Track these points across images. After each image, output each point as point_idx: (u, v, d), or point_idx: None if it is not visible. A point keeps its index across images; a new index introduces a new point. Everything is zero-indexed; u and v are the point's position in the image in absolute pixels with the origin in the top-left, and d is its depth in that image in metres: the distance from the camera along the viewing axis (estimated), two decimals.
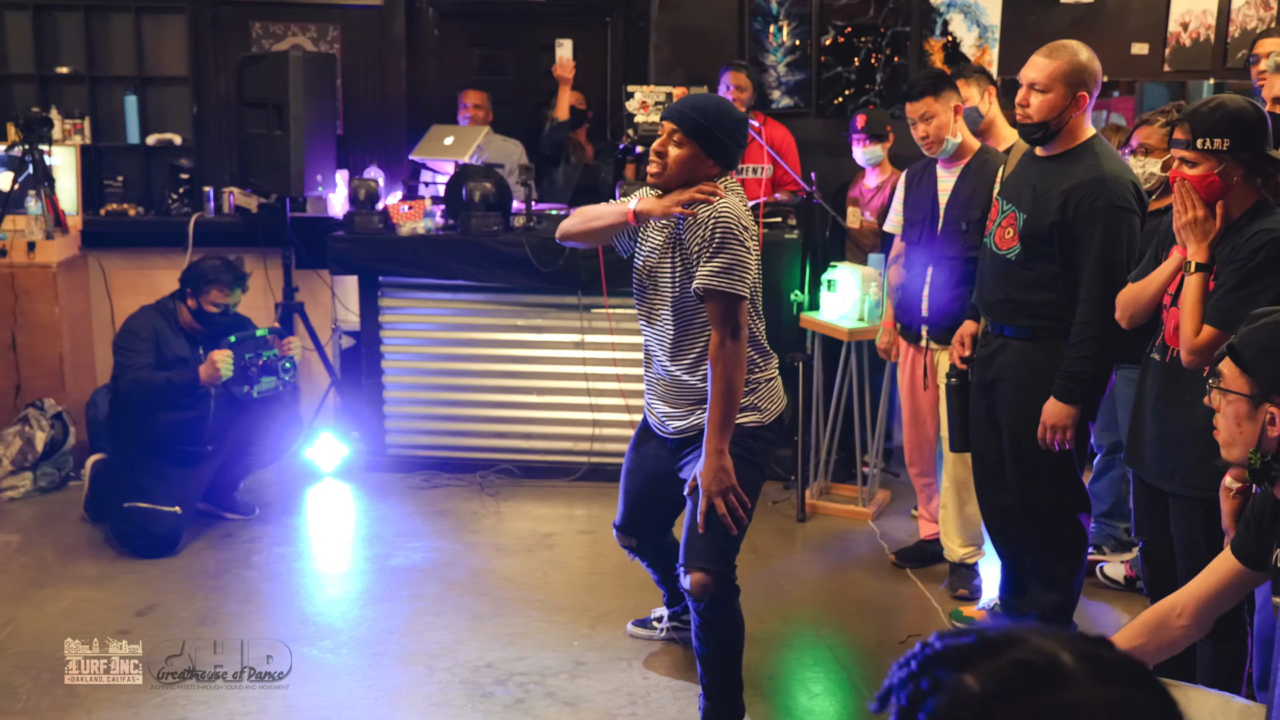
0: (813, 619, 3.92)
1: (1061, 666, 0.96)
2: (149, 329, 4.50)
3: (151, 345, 4.47)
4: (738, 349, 2.91)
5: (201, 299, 4.50)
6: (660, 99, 5.28)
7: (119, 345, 4.51)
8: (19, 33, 5.98)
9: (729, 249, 2.87)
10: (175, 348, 4.50)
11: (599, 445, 5.21)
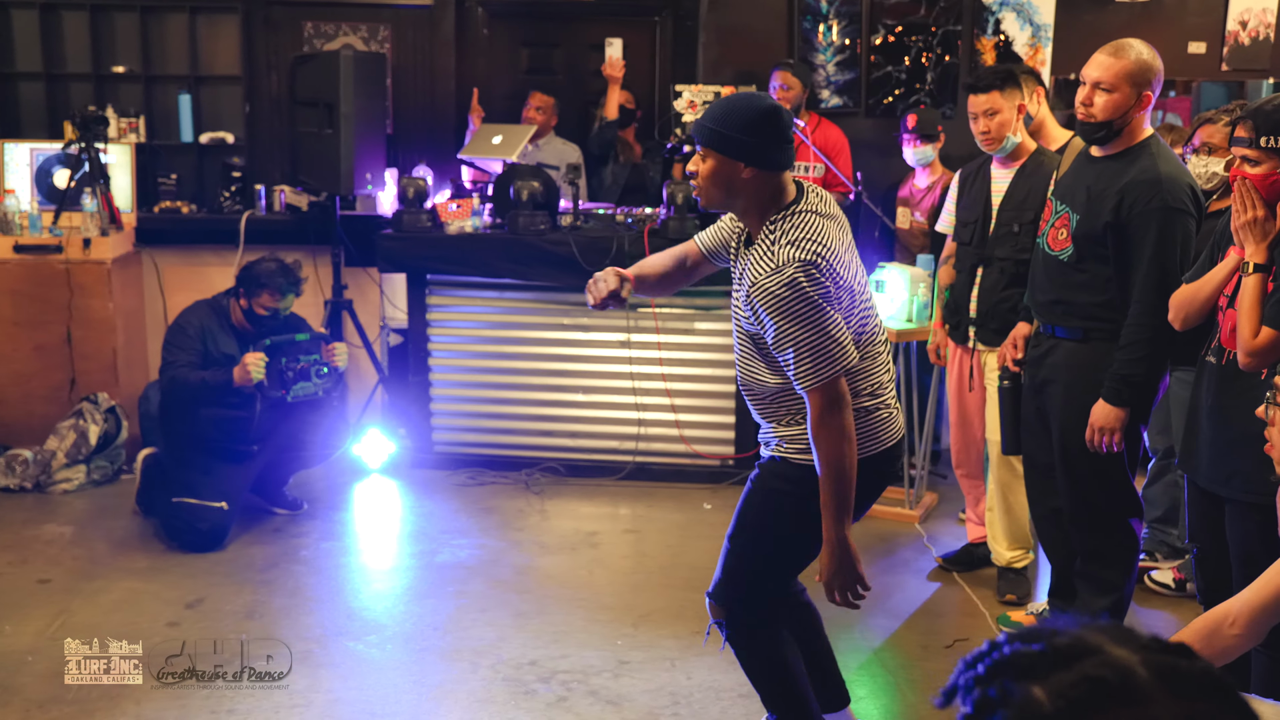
0: (856, 621, 3.88)
1: (1136, 681, 0.92)
2: (197, 325, 4.55)
3: (198, 342, 4.52)
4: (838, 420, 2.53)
5: (253, 300, 4.54)
6: (708, 98, 5.27)
7: (167, 341, 4.57)
8: (76, 33, 6.08)
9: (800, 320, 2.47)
10: (223, 345, 4.55)
11: (644, 445, 5.20)
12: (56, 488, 4.97)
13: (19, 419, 5.26)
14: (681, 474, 5.19)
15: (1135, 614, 3.79)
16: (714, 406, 5.19)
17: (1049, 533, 3.65)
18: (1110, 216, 3.22)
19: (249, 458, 4.58)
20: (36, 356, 5.27)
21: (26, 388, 5.28)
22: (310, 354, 4.58)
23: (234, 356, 4.49)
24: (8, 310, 5.23)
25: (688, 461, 5.21)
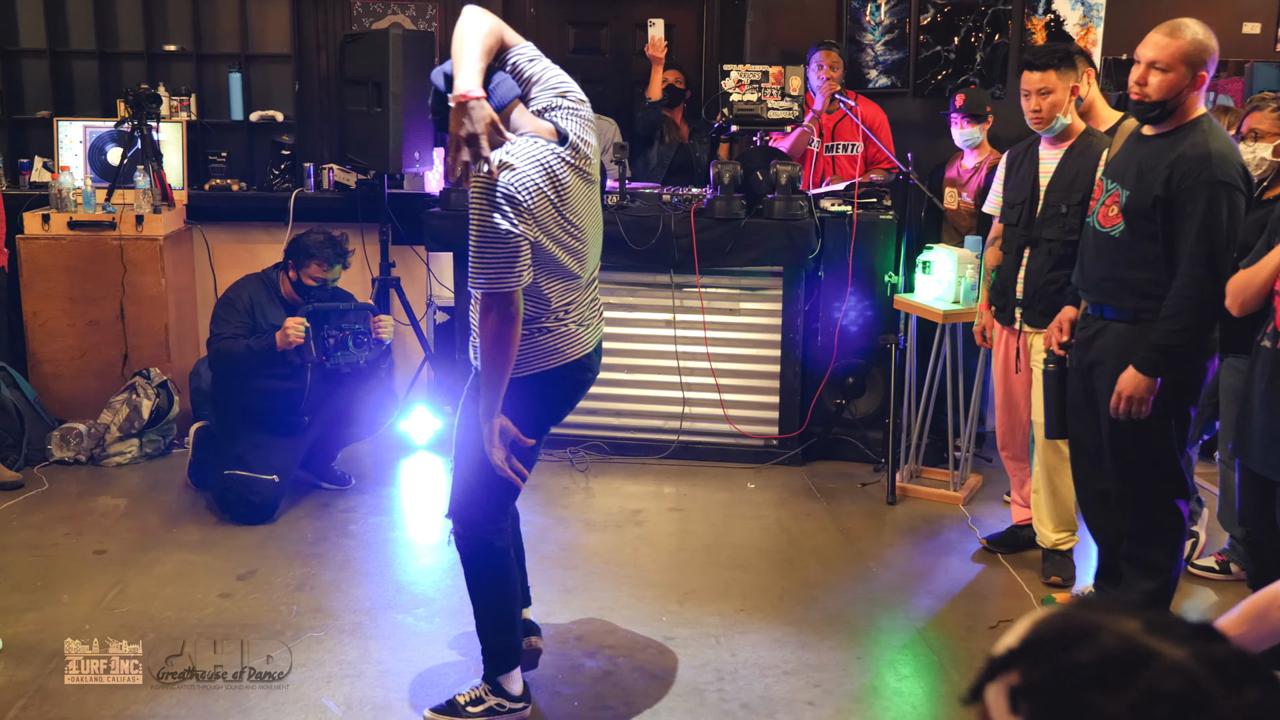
0: (902, 602, 3.89)
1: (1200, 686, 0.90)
2: (246, 298, 4.62)
3: (246, 315, 4.59)
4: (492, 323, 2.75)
5: (301, 272, 4.60)
6: (756, 78, 5.25)
7: (215, 314, 4.65)
8: (129, 12, 6.15)
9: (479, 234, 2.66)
10: (271, 317, 4.61)
11: (689, 424, 5.22)
12: (110, 461, 5.06)
13: (74, 393, 5.36)
14: (725, 453, 5.21)
15: (1181, 594, 3.77)
16: (758, 386, 5.19)
17: (1095, 515, 3.63)
18: (1160, 190, 3.19)
19: (299, 430, 4.64)
20: (91, 332, 5.36)
21: (81, 363, 5.38)
22: (353, 323, 4.63)
23: (280, 327, 4.53)
24: (63, 286, 5.32)
25: (732, 441, 5.22)
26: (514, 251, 2.67)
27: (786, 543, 4.39)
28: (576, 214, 2.83)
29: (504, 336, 2.74)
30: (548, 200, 2.72)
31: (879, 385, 5.12)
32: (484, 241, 2.66)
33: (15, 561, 4.10)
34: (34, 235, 5.31)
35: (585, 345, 3.01)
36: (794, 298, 5.10)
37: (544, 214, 2.72)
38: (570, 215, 2.80)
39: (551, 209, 2.74)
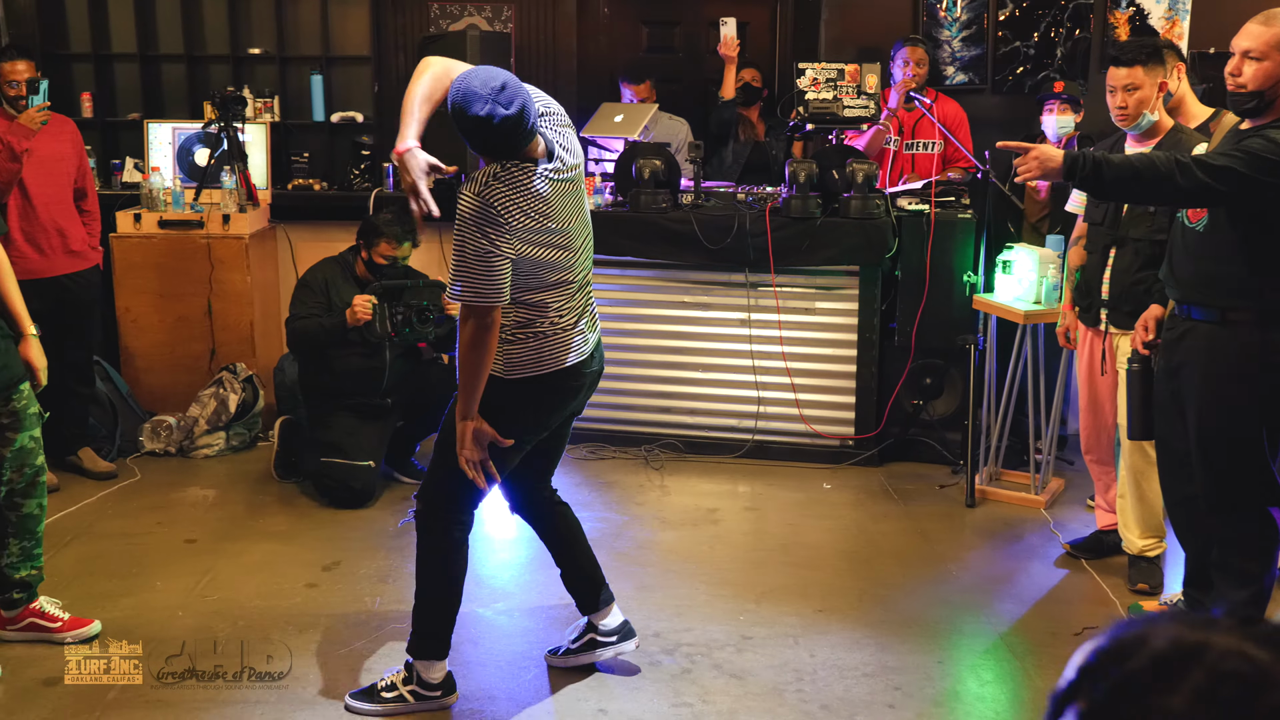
0: (982, 606, 3.86)
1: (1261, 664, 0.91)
2: (321, 280, 4.74)
3: (322, 296, 4.70)
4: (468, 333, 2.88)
5: (372, 250, 4.69)
6: (832, 75, 5.23)
7: (293, 297, 4.80)
8: (215, 16, 6.29)
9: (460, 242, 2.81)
10: (346, 296, 4.70)
11: (763, 423, 5.22)
12: (198, 452, 5.19)
13: (164, 386, 5.50)
14: (800, 453, 5.20)
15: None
16: (834, 386, 5.18)
17: (1184, 521, 3.56)
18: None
19: (384, 414, 4.75)
20: (179, 327, 5.51)
21: (170, 357, 5.52)
22: (422, 299, 4.74)
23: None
24: (153, 283, 5.47)
25: (807, 441, 5.21)
26: (492, 271, 2.80)
27: (864, 544, 4.37)
28: (560, 220, 2.92)
29: (479, 345, 2.86)
30: (529, 216, 2.83)
31: (957, 386, 5.07)
32: (463, 259, 2.79)
33: (110, 549, 4.22)
34: (126, 234, 5.46)
35: (581, 352, 3.08)
36: (870, 297, 5.07)
37: (527, 228, 2.84)
38: (553, 224, 2.90)
39: (534, 223, 2.85)
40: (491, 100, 2.69)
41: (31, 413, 3.45)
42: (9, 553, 3.49)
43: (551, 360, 3.01)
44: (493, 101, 2.69)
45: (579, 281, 3.06)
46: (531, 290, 2.94)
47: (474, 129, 2.73)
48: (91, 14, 6.20)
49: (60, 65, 6.22)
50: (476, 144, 2.80)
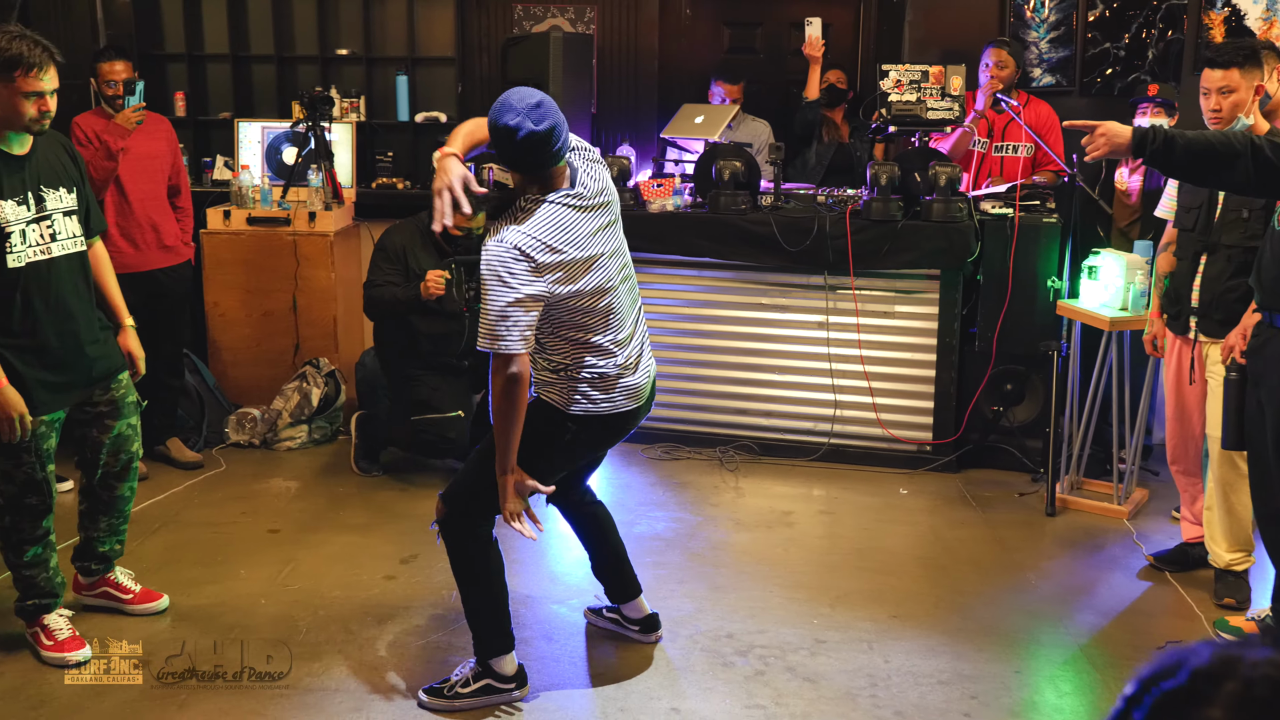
0: (1062, 617, 3.79)
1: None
2: (399, 245, 4.83)
3: (399, 263, 4.80)
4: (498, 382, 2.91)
5: None
6: (915, 77, 5.18)
7: (371, 261, 4.91)
8: (305, 18, 6.42)
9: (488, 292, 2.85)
10: (423, 261, 4.79)
11: (840, 426, 5.18)
12: (281, 445, 5.30)
13: (249, 380, 5.63)
14: (877, 457, 5.15)
15: None
16: (912, 391, 5.12)
17: (1274, 534, 3.47)
18: None
19: (462, 373, 4.89)
20: (265, 322, 5.63)
21: (256, 351, 5.64)
22: None
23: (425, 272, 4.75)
24: (241, 278, 5.59)
25: (884, 445, 5.16)
26: (518, 317, 2.85)
27: (940, 550, 4.32)
28: (586, 247, 2.93)
29: (509, 395, 2.90)
30: (553, 250, 2.87)
31: (1039, 393, 4.99)
32: (487, 310, 2.84)
33: (196, 538, 4.33)
34: (216, 230, 5.60)
35: (637, 396, 3.15)
36: (951, 301, 5.01)
37: (551, 265, 2.87)
38: (581, 252, 2.92)
39: (569, 254, 2.89)
40: (524, 114, 2.78)
41: (130, 401, 3.57)
42: (98, 528, 3.66)
43: (610, 404, 3.09)
44: (524, 115, 2.78)
45: (626, 315, 3.10)
46: (579, 328, 3.00)
47: (502, 138, 2.81)
48: (186, 16, 6.37)
49: (155, 65, 6.39)
50: (505, 155, 2.86)
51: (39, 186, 3.27)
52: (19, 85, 3.10)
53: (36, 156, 3.28)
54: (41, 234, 3.26)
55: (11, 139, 3.21)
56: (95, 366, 3.44)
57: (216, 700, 3.21)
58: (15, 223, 3.19)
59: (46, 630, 3.44)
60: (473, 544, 3.15)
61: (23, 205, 3.22)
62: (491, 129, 2.85)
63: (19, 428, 3.20)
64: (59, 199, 3.32)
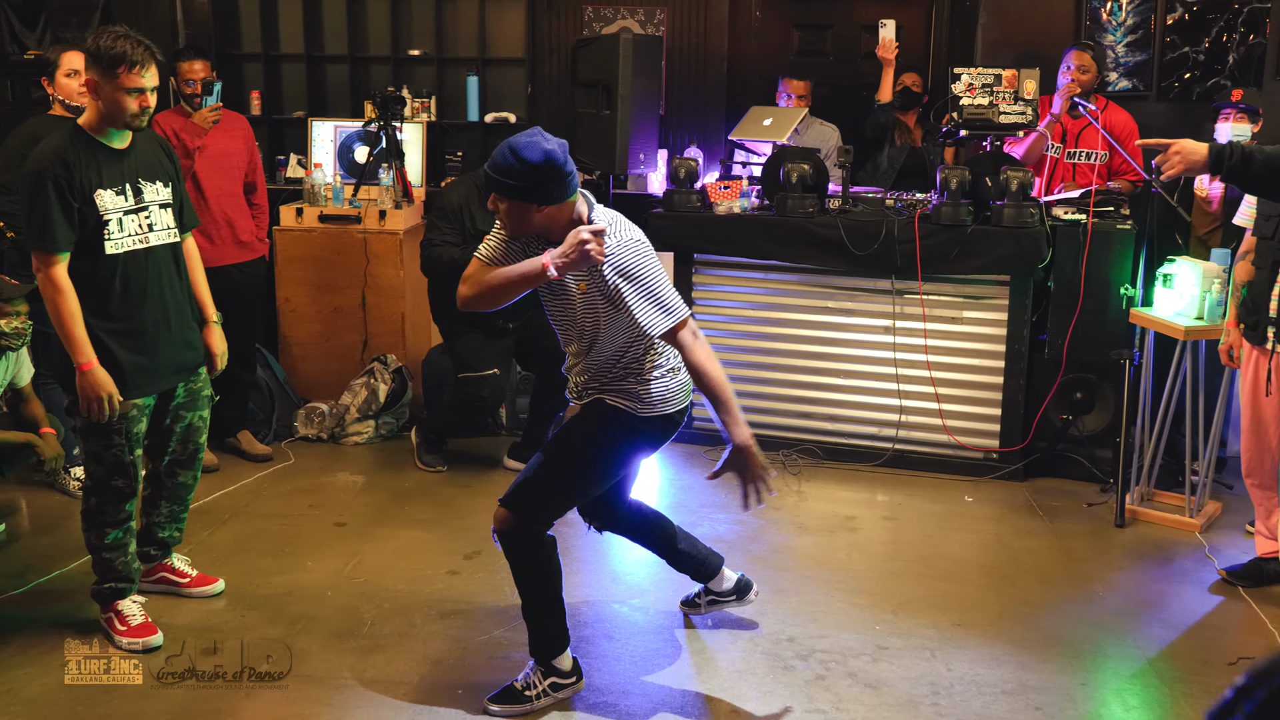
0: (1130, 629, 3.73)
1: None
2: (456, 202, 4.89)
3: (455, 219, 4.86)
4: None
5: None
6: (988, 81, 5.13)
7: (430, 219, 4.98)
8: (378, 19, 6.51)
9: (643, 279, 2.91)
10: (479, 221, 4.84)
11: (905, 432, 5.14)
12: (348, 439, 5.38)
13: (318, 375, 5.72)
14: (942, 464, 5.11)
15: None
16: (979, 398, 5.07)
17: None
18: None
19: (505, 334, 4.97)
20: (334, 318, 5.71)
21: (325, 346, 5.73)
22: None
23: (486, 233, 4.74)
24: (312, 275, 5.68)
25: (949, 452, 5.11)
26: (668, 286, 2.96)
27: (1006, 559, 4.27)
28: None
29: (713, 356, 2.95)
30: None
31: (1109, 402, 4.91)
32: (650, 289, 2.91)
33: (265, 529, 4.41)
34: (288, 227, 5.69)
35: (687, 393, 3.22)
36: (1020, 307, 4.95)
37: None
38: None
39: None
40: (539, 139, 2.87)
41: (205, 394, 3.67)
42: (159, 513, 3.76)
43: (676, 400, 3.16)
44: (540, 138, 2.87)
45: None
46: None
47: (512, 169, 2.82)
48: (263, 16, 6.49)
49: (232, 65, 6.53)
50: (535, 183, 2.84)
51: (137, 179, 3.41)
52: (122, 82, 3.24)
53: (136, 151, 3.43)
54: (139, 224, 3.40)
55: (112, 134, 3.35)
56: (184, 356, 3.57)
57: (284, 690, 3.26)
58: (114, 211, 3.33)
59: (120, 615, 3.52)
60: (531, 546, 3.16)
61: (121, 195, 3.36)
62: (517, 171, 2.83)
63: (108, 407, 3.30)
64: (155, 192, 3.46)
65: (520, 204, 2.88)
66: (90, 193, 3.28)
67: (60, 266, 3.27)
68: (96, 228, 3.30)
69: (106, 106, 3.28)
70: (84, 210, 3.27)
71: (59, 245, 3.25)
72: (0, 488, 4.71)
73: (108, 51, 3.22)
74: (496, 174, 2.86)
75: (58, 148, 3.28)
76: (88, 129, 3.33)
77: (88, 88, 3.28)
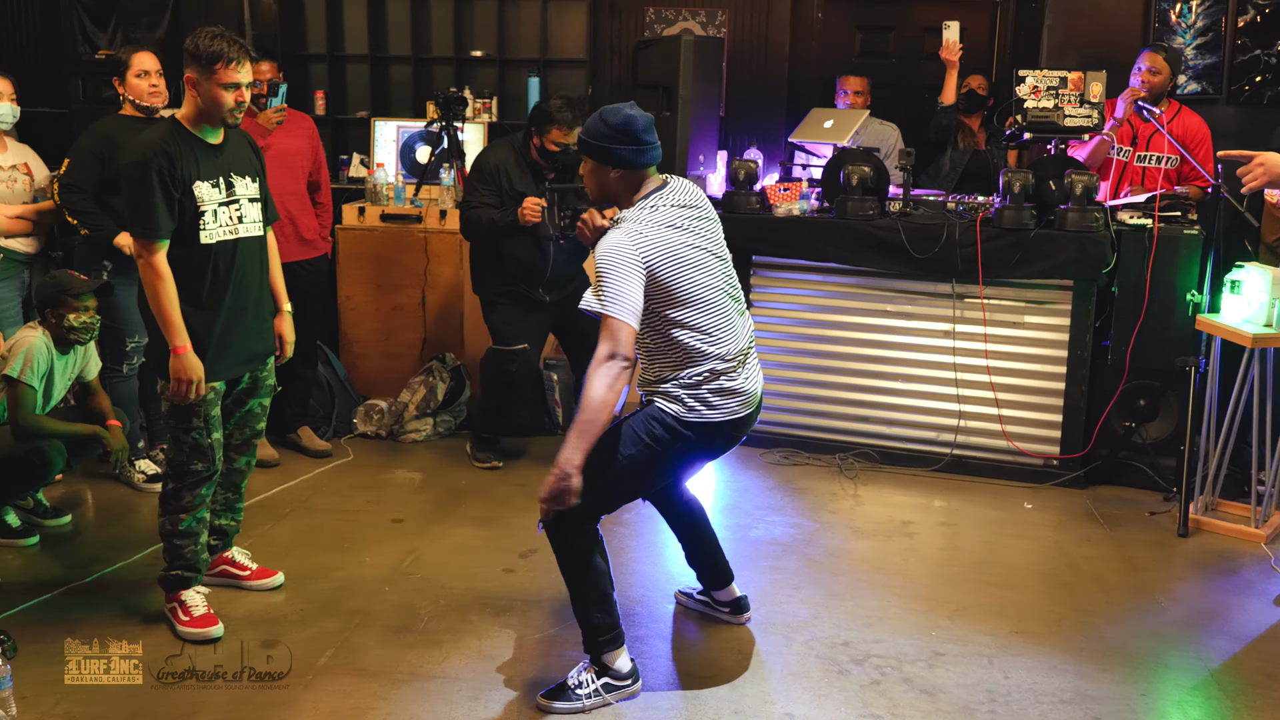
0: (1192, 641, 3.66)
1: None
2: (494, 166, 4.91)
3: (494, 181, 4.89)
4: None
5: (544, 137, 4.81)
6: (1053, 83, 5.06)
7: (468, 180, 5.02)
8: (441, 20, 6.58)
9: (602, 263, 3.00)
10: (517, 182, 4.87)
11: (963, 438, 5.09)
12: (406, 436, 5.44)
13: (377, 372, 5.78)
14: (1001, 470, 5.05)
15: None
16: (1040, 404, 5.00)
17: None
18: None
19: (541, 308, 4.99)
20: (394, 316, 5.78)
21: (385, 344, 5.80)
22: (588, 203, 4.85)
23: (525, 194, 4.83)
24: (373, 273, 5.75)
25: (1008, 458, 5.05)
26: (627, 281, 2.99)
27: (1065, 567, 4.21)
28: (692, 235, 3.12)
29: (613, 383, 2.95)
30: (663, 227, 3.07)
31: (1174, 409, 4.83)
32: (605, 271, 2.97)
33: (324, 524, 4.47)
34: (350, 226, 5.77)
35: (748, 402, 3.22)
36: (1083, 313, 4.88)
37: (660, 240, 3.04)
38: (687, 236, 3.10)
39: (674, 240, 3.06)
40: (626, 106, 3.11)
41: (268, 383, 3.77)
42: (215, 500, 3.83)
43: (726, 408, 3.14)
44: (627, 106, 3.11)
45: (728, 306, 3.18)
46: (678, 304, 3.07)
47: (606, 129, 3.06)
48: (328, 17, 6.58)
49: (298, 65, 6.63)
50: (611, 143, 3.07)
51: (230, 174, 3.53)
52: (219, 78, 3.37)
53: (229, 147, 3.56)
54: (231, 216, 3.52)
55: (208, 131, 3.48)
56: (257, 346, 3.68)
57: (340, 683, 3.31)
58: (209, 203, 3.46)
59: (184, 605, 3.59)
60: (579, 541, 3.18)
61: (216, 188, 3.48)
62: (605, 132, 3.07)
63: (193, 391, 3.41)
64: (245, 186, 3.58)
65: (597, 164, 3.11)
66: (190, 184, 3.41)
67: (161, 254, 3.39)
68: (193, 218, 3.43)
69: (204, 102, 3.41)
70: (183, 200, 3.40)
71: (161, 233, 3.38)
72: (66, 480, 4.82)
73: (206, 49, 3.37)
74: (583, 134, 3.11)
75: (161, 140, 3.41)
76: (186, 124, 3.46)
77: (186, 84, 3.42)
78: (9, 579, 3.91)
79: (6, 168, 4.58)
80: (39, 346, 4.09)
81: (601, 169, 3.11)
